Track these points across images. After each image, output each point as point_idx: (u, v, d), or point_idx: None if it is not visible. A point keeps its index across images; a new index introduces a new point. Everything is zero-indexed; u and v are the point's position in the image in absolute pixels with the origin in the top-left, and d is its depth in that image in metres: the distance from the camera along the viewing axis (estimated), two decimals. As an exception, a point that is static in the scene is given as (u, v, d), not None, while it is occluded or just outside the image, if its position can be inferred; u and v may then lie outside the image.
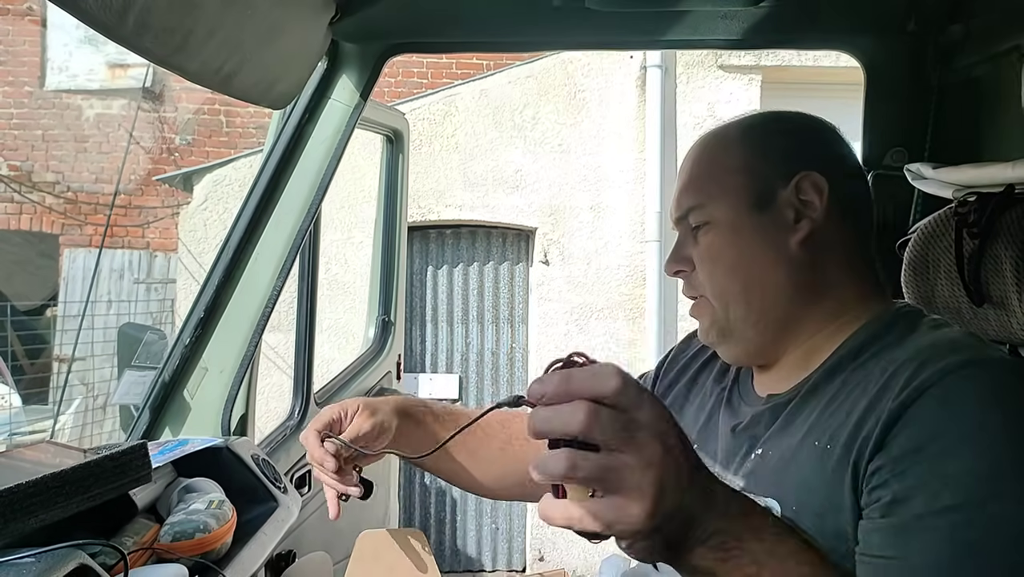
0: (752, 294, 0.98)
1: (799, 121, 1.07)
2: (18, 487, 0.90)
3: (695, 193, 1.03)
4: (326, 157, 1.65)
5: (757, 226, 0.98)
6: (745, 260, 0.98)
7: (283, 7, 1.27)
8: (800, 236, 0.97)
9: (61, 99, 7.39)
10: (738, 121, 1.08)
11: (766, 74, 4.71)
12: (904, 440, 0.79)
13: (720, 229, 0.99)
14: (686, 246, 1.04)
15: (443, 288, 4.82)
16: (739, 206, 0.99)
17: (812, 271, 0.97)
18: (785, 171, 0.98)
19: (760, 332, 0.99)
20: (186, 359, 1.58)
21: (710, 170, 1.03)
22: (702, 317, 1.04)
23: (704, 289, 1.02)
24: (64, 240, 7.32)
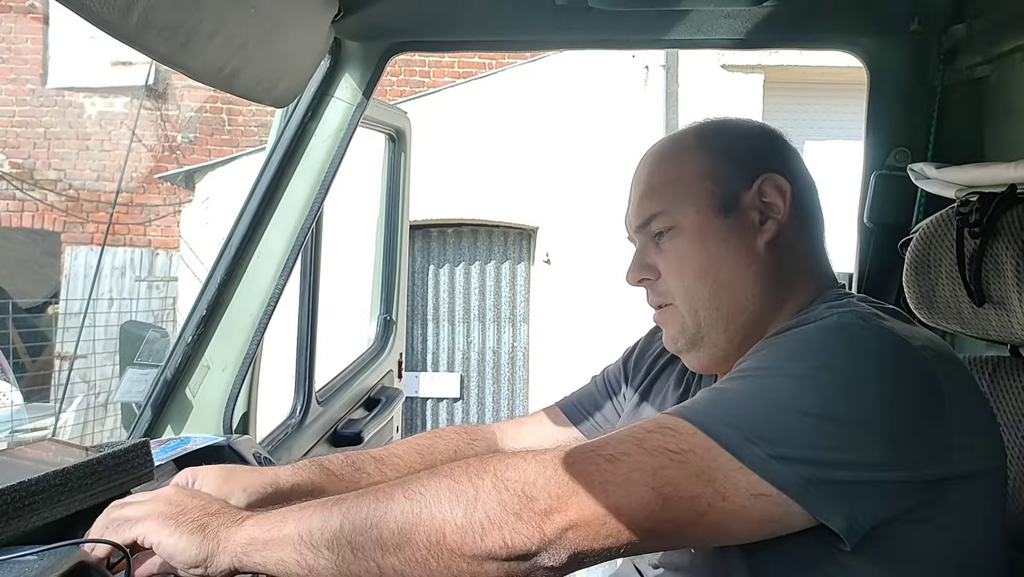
0: (722, 297, 0.99)
1: (752, 126, 1.09)
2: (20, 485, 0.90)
3: (657, 200, 1.03)
4: (328, 155, 1.65)
5: (724, 229, 0.99)
6: (714, 263, 0.99)
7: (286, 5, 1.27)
8: (767, 237, 0.98)
9: (63, 97, 7.40)
10: (691, 129, 1.09)
11: (768, 74, 4.71)
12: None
13: (686, 234, 1.00)
14: (648, 253, 1.04)
15: (444, 287, 4.82)
16: (704, 210, 0.99)
17: (777, 272, 0.99)
18: (747, 174, 0.99)
19: (729, 337, 1.00)
20: (188, 357, 1.58)
21: (671, 176, 1.03)
22: (669, 325, 1.05)
23: (672, 296, 1.02)
24: (66, 238, 7.33)
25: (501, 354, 4.85)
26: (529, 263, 4.85)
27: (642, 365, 1.26)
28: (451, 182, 4.70)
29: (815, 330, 0.86)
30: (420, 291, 4.80)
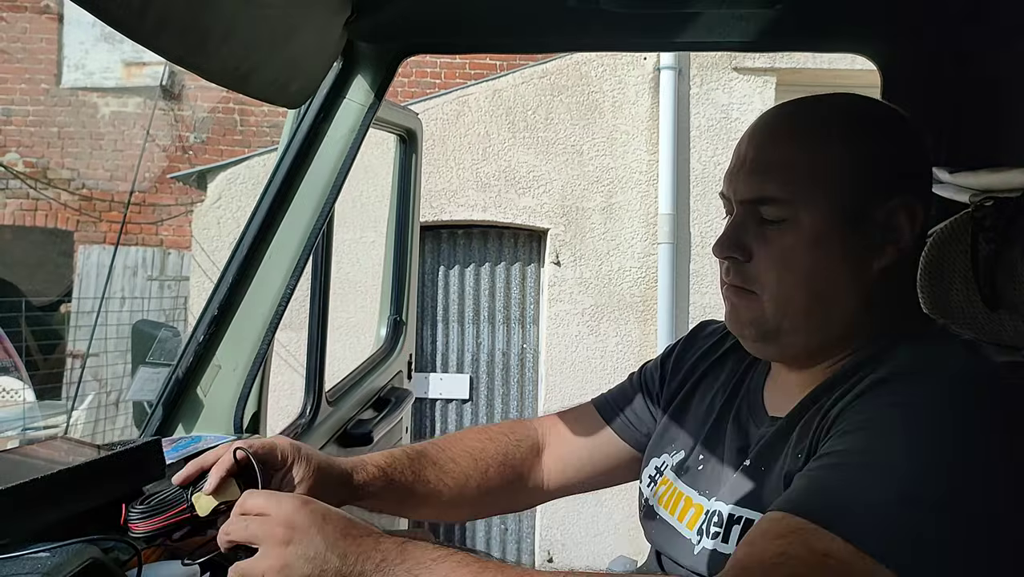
0: (816, 309, 0.92)
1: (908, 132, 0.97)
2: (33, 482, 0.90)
3: (780, 183, 0.91)
4: (340, 156, 1.65)
5: (844, 241, 0.90)
6: (821, 275, 0.91)
7: (300, 7, 1.27)
8: (883, 263, 0.91)
9: (77, 97, 7.44)
10: (844, 110, 0.96)
11: (781, 76, 4.70)
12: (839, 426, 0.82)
13: (802, 233, 0.90)
14: (747, 231, 0.94)
15: (455, 288, 4.82)
16: (830, 216, 0.90)
17: (879, 298, 0.93)
18: (886, 188, 0.91)
19: (806, 345, 0.94)
20: (200, 356, 1.58)
21: (806, 163, 0.91)
22: (743, 310, 0.96)
23: (760, 287, 0.93)
24: (79, 237, 7.37)
25: (511, 356, 4.85)
26: (539, 265, 4.85)
27: (682, 366, 1.19)
28: (462, 183, 4.70)
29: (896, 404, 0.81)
30: (430, 292, 4.80)
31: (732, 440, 1.02)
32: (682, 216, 4.66)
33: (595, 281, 4.71)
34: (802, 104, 0.98)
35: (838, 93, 0.99)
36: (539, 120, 4.74)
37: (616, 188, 4.72)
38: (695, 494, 1.03)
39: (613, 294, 4.71)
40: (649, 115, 4.72)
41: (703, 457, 1.06)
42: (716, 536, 0.93)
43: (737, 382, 1.10)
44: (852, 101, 0.98)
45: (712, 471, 1.03)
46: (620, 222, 4.72)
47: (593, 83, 4.75)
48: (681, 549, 1.01)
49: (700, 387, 1.15)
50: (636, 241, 4.70)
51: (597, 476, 1.29)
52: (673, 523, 1.04)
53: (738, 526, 0.91)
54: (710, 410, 1.10)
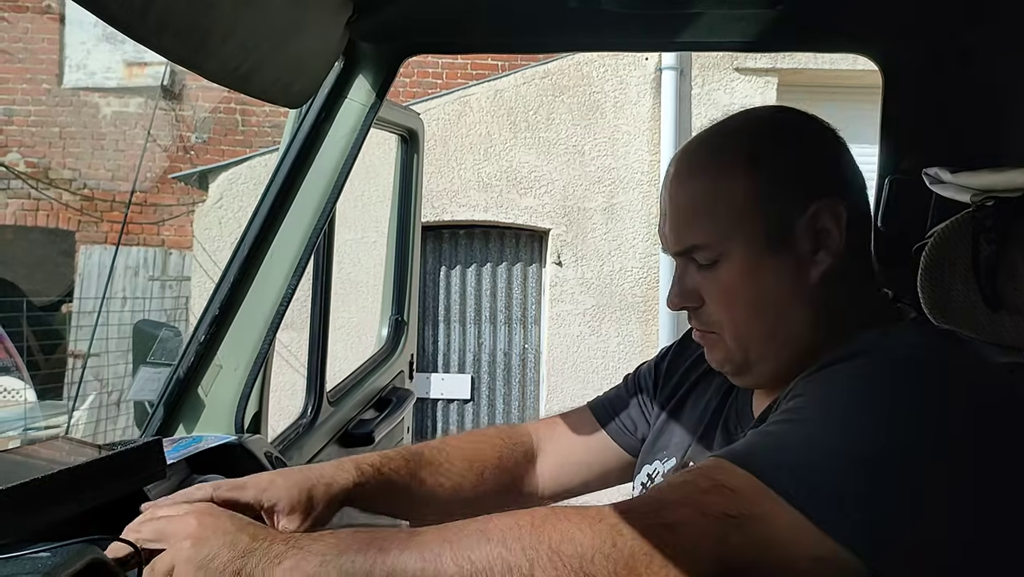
0: (773, 332, 0.93)
1: (810, 132, 0.98)
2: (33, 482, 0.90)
3: (699, 229, 0.94)
4: (342, 156, 1.65)
5: (775, 263, 0.91)
6: (764, 300, 0.92)
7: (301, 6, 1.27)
8: (821, 269, 0.92)
9: (78, 96, 7.44)
10: (733, 132, 0.98)
11: (782, 76, 4.70)
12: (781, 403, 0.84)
13: (735, 268, 0.92)
14: (690, 278, 0.96)
15: (456, 288, 4.82)
16: (754, 244, 0.91)
17: (830, 303, 0.93)
18: (801, 199, 0.91)
19: (777, 367, 0.95)
20: (201, 356, 1.58)
21: (713, 203, 0.93)
22: (714, 350, 0.99)
23: (718, 326, 0.96)
24: (80, 237, 7.37)
25: (512, 356, 4.85)
26: (541, 265, 4.85)
27: (676, 371, 1.20)
28: (463, 183, 4.70)
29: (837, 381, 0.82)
30: (431, 292, 4.81)
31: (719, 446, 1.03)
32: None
33: (596, 281, 4.71)
34: (701, 140, 0.99)
35: (733, 115, 1.00)
36: (540, 120, 4.74)
37: (617, 188, 4.72)
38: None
39: (614, 294, 4.71)
40: (650, 115, 4.72)
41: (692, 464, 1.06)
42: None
43: (728, 388, 1.10)
44: (745, 122, 0.99)
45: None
46: (622, 222, 4.72)
47: (595, 83, 4.76)
48: None
49: (693, 394, 1.15)
50: (637, 241, 4.70)
51: (592, 480, 1.30)
52: None
53: None
54: (702, 417, 1.11)
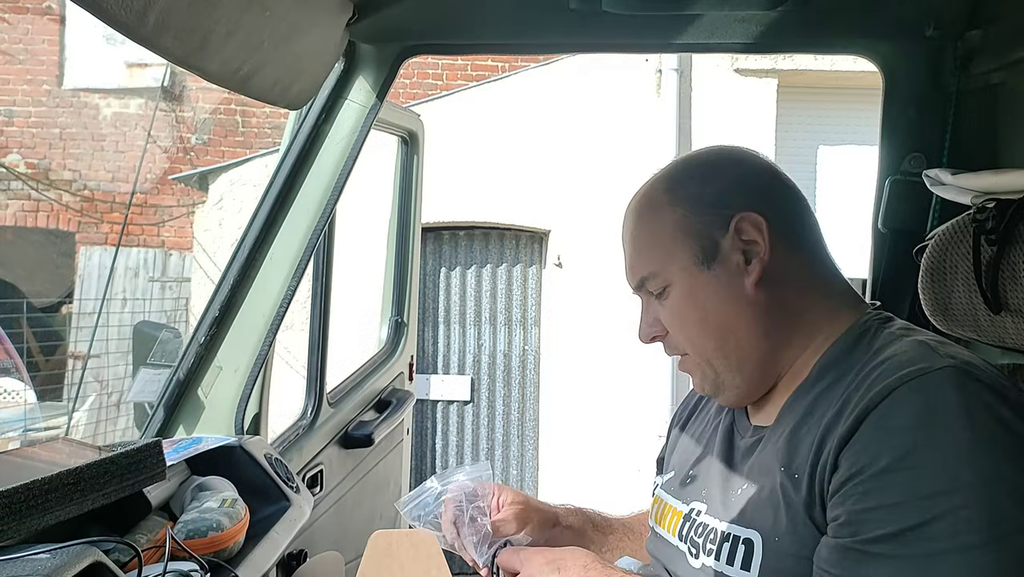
0: (727, 346, 0.99)
1: (717, 161, 1.08)
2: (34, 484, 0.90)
3: (644, 262, 1.04)
4: (342, 158, 1.65)
5: (711, 281, 0.99)
6: (710, 316, 0.99)
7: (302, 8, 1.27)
8: (754, 278, 0.97)
9: (79, 98, 7.45)
10: (661, 177, 1.08)
11: (782, 78, 4.70)
12: (851, 462, 0.82)
13: (678, 291, 1.01)
14: (652, 310, 1.05)
15: (456, 289, 4.82)
16: (688, 267, 1.00)
17: (776, 306, 0.98)
18: (721, 219, 0.99)
19: (746, 377, 1.01)
20: (201, 358, 1.58)
21: (649, 239, 1.04)
22: (692, 373, 1.06)
23: (683, 350, 1.04)
24: (80, 238, 7.37)
25: (512, 357, 4.85)
26: (541, 266, 4.85)
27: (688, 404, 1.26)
28: (463, 185, 4.70)
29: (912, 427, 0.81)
30: (431, 293, 4.80)
31: (718, 452, 1.06)
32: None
33: (596, 283, 4.71)
34: (642, 187, 1.10)
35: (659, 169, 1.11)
36: (541, 121, 4.74)
37: (618, 189, 4.71)
38: (679, 503, 1.09)
39: (615, 296, 4.71)
40: (651, 116, 4.73)
41: (693, 473, 1.10)
42: (711, 553, 0.96)
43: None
44: (672, 165, 1.10)
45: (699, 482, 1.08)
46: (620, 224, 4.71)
47: (595, 85, 4.76)
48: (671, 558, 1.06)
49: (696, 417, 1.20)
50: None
51: None
52: (663, 534, 1.10)
53: (728, 543, 0.94)
54: (703, 434, 1.14)
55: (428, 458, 4.83)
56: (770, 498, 0.91)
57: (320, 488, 1.85)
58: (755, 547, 0.90)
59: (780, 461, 0.91)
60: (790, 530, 0.87)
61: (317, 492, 1.81)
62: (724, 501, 0.98)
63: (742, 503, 0.95)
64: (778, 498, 0.89)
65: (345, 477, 2.01)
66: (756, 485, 0.94)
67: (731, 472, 1.01)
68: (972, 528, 0.75)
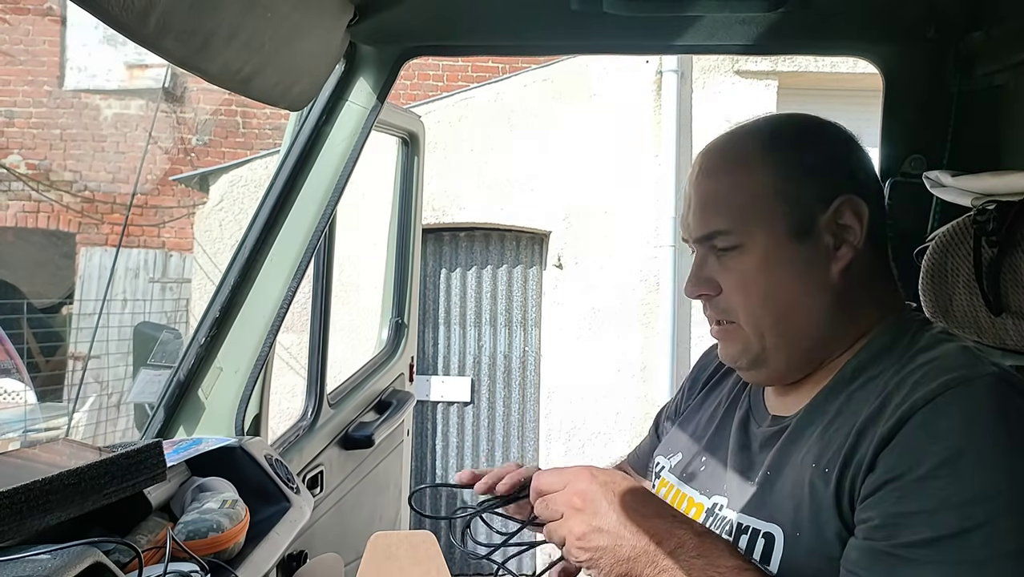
0: (788, 324, 0.95)
1: (827, 133, 1.01)
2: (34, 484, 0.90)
3: (722, 215, 0.96)
4: (342, 159, 1.65)
5: (797, 256, 0.93)
6: (783, 291, 0.94)
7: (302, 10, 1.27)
8: (842, 265, 0.94)
9: (79, 99, 7.45)
10: (758, 132, 1.00)
11: (783, 79, 4.70)
12: (890, 464, 0.81)
13: (754, 256, 0.94)
14: (708, 267, 0.98)
15: (456, 291, 4.82)
16: (777, 234, 0.93)
17: (846, 297, 0.95)
18: (824, 194, 0.93)
19: (790, 360, 0.96)
20: (201, 358, 1.58)
21: (738, 191, 0.96)
22: (730, 343, 1.00)
23: (734, 315, 0.97)
24: (81, 239, 7.37)
25: (512, 358, 4.85)
26: (541, 267, 4.85)
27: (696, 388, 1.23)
28: (464, 186, 4.70)
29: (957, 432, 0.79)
30: (431, 295, 4.81)
31: (734, 439, 1.03)
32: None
33: (597, 284, 4.71)
34: (729, 136, 1.02)
35: (761, 118, 1.03)
36: (541, 123, 4.74)
37: (618, 191, 4.72)
38: (696, 494, 1.05)
39: (615, 297, 4.71)
40: (652, 118, 4.73)
41: (705, 459, 1.07)
42: None
43: (739, 389, 1.11)
44: (772, 122, 1.02)
45: (713, 471, 1.05)
46: (622, 225, 4.71)
47: (595, 86, 4.76)
48: None
49: (705, 401, 1.17)
50: (638, 244, 4.70)
51: None
52: None
53: (745, 536, 0.91)
54: (713, 417, 1.11)
55: (428, 459, 4.83)
56: (793, 492, 0.88)
57: (320, 489, 1.85)
58: (776, 542, 0.88)
59: (812, 458, 0.88)
60: (813, 526, 0.85)
61: (317, 493, 1.81)
62: (742, 493, 0.96)
63: (763, 496, 0.93)
64: (803, 493, 0.87)
65: (345, 478, 2.01)
66: (779, 478, 0.92)
67: (749, 462, 0.98)
68: (1011, 537, 0.74)
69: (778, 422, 0.98)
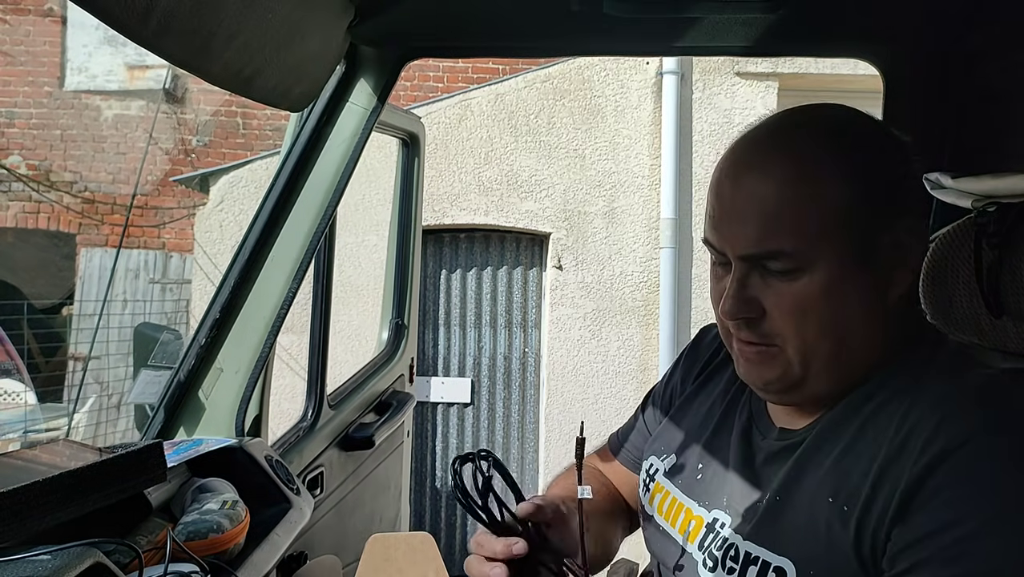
0: (842, 352, 0.85)
1: (897, 144, 0.89)
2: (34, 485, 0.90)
3: (787, 236, 0.83)
4: (343, 160, 1.65)
5: (858, 281, 0.84)
6: (842, 318, 0.84)
7: (303, 10, 1.27)
8: (901, 291, 0.86)
9: (80, 99, 7.45)
10: (824, 134, 0.87)
11: (783, 81, 4.70)
12: (926, 519, 0.73)
13: (816, 283, 0.83)
14: (753, 286, 0.86)
15: (456, 292, 4.82)
16: (842, 259, 0.83)
17: (895, 322, 0.87)
18: (888, 212, 0.84)
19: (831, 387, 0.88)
20: (201, 359, 1.58)
21: (804, 212, 0.83)
22: (768, 367, 0.88)
23: (780, 340, 0.86)
24: (81, 239, 7.37)
25: (512, 359, 4.85)
26: (541, 269, 4.85)
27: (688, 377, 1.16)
28: (464, 187, 4.71)
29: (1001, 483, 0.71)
30: (432, 296, 4.80)
31: (735, 449, 0.98)
32: (684, 220, 4.66)
33: (597, 285, 4.71)
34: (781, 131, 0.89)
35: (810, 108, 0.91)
36: (541, 124, 4.74)
37: (618, 192, 4.71)
38: (695, 505, 1.00)
39: (615, 298, 4.70)
40: (651, 119, 4.73)
41: (702, 466, 1.02)
42: (732, 572, 0.88)
43: (738, 390, 1.06)
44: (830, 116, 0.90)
45: (712, 481, 0.99)
46: (622, 226, 4.71)
47: (595, 87, 4.76)
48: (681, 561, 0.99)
49: (699, 395, 1.12)
50: (638, 245, 4.70)
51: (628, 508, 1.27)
52: (670, 531, 1.02)
53: (755, 567, 0.85)
54: (709, 417, 1.06)
55: (428, 460, 4.82)
56: (809, 526, 0.82)
57: (320, 490, 1.84)
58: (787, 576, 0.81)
59: (828, 491, 0.81)
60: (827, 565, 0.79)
61: (317, 494, 1.81)
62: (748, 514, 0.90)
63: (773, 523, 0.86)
64: (818, 529, 0.80)
65: (345, 479, 2.01)
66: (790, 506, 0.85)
67: (755, 478, 0.92)
68: None
69: (786, 436, 0.92)
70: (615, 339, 4.69)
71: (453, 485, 0.91)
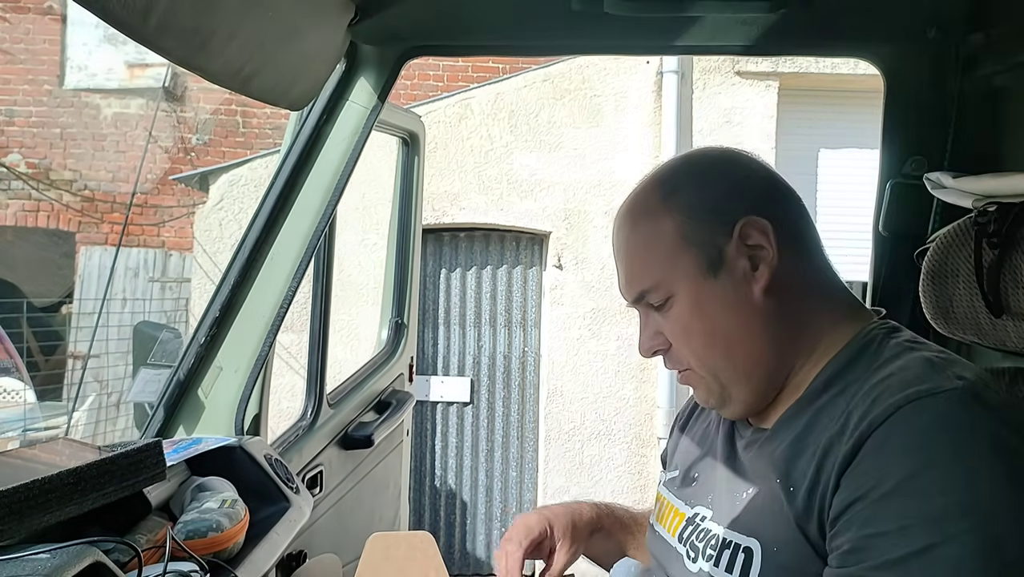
0: (735, 357, 0.96)
1: (713, 165, 1.03)
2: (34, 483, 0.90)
3: (643, 275, 1.00)
4: (343, 159, 1.65)
5: (718, 290, 0.95)
6: (718, 326, 0.96)
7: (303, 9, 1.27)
8: (762, 284, 0.95)
9: (80, 98, 7.45)
10: (654, 185, 1.03)
11: (783, 80, 4.70)
12: (853, 485, 0.81)
13: (684, 304, 0.97)
14: (653, 323, 1.01)
15: (456, 291, 4.82)
16: (693, 276, 0.96)
17: (783, 313, 0.96)
18: (724, 225, 0.95)
19: (754, 389, 0.98)
20: (201, 358, 1.58)
21: (648, 249, 0.99)
22: (696, 387, 1.02)
23: (688, 362, 1.00)
24: (81, 238, 7.38)
25: (512, 359, 4.85)
26: (541, 268, 4.85)
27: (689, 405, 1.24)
28: (464, 186, 4.70)
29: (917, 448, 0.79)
30: (431, 295, 4.80)
31: (720, 451, 1.05)
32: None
33: (596, 284, 4.71)
34: (634, 192, 1.05)
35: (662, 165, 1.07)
36: (541, 123, 4.74)
37: (618, 192, 4.71)
38: (681, 504, 1.07)
39: (615, 297, 4.70)
40: (652, 119, 4.73)
41: (697, 474, 1.09)
42: (710, 558, 0.95)
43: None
44: (669, 168, 1.05)
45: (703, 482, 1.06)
46: (622, 226, 4.71)
47: (596, 87, 4.76)
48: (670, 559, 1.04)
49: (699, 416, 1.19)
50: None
51: None
52: (664, 535, 1.08)
53: (728, 551, 0.92)
54: (707, 431, 1.13)
55: (428, 459, 4.83)
56: (766, 507, 0.90)
57: (320, 489, 1.84)
58: (754, 556, 0.88)
59: (776, 472, 0.89)
60: (784, 541, 0.86)
61: (317, 493, 1.81)
62: (729, 507, 0.97)
63: (742, 509, 0.94)
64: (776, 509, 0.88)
65: (345, 478, 2.01)
66: (754, 491, 0.93)
67: (734, 476, 0.99)
68: (975, 555, 0.74)
69: (758, 433, 0.99)
70: (614, 338, 4.69)
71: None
